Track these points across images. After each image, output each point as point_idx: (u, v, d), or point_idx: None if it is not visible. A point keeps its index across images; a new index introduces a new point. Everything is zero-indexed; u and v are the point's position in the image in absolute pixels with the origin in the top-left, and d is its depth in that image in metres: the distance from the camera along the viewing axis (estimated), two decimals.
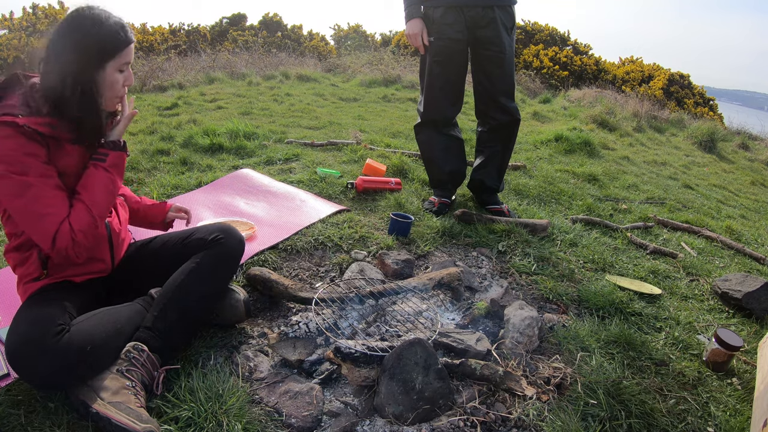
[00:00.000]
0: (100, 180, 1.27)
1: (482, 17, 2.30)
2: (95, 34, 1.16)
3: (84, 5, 1.18)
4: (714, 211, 3.62)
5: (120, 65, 1.21)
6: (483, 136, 2.64)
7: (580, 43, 11.81)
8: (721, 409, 1.41)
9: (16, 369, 1.11)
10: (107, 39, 1.17)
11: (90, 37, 1.15)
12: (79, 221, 1.21)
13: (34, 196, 1.15)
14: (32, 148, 1.15)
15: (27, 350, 1.10)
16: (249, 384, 1.32)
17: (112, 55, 1.19)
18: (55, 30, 1.18)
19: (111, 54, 1.18)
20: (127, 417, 1.07)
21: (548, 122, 6.12)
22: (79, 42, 1.15)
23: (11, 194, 1.15)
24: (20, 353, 1.10)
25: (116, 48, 1.19)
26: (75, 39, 1.15)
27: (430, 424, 1.24)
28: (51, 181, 1.18)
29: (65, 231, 1.18)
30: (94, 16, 1.17)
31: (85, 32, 1.15)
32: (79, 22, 1.16)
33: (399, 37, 12.99)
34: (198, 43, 10.79)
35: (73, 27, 1.16)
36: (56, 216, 1.18)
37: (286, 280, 1.74)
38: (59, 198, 1.20)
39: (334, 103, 5.80)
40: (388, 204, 2.56)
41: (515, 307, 1.68)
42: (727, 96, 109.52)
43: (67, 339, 1.13)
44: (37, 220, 1.16)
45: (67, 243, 1.19)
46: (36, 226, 1.17)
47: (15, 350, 1.10)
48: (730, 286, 2.07)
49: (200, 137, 3.48)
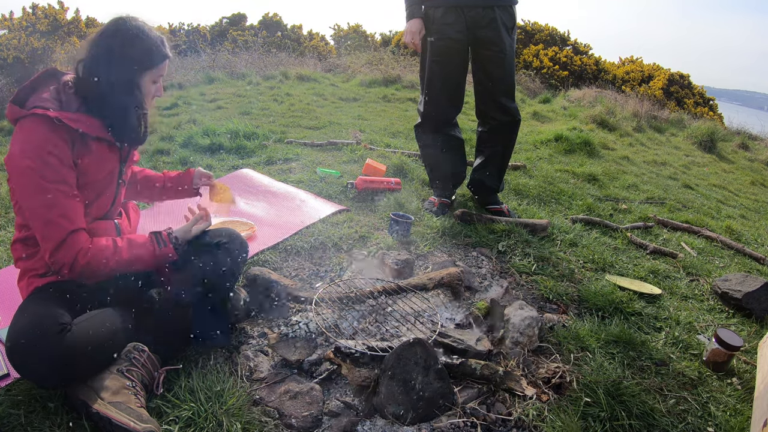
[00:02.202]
0: (144, 251, 1.29)
1: (483, 17, 2.30)
2: (140, 43, 1.21)
3: (128, 14, 1.23)
4: (714, 211, 3.62)
5: (155, 77, 1.28)
6: (483, 136, 2.64)
7: (580, 43, 11.81)
8: (721, 409, 1.41)
9: (17, 367, 1.11)
10: (150, 49, 1.23)
11: (135, 45, 1.21)
12: (97, 254, 1.21)
13: (49, 202, 1.16)
14: (57, 146, 1.16)
15: (27, 349, 1.09)
16: (249, 384, 1.32)
17: (150, 67, 1.25)
18: (98, 33, 1.22)
19: (150, 65, 1.25)
20: (127, 417, 1.08)
21: (548, 122, 6.11)
22: (123, 47, 1.20)
23: (28, 192, 1.16)
24: (21, 352, 1.10)
25: (156, 60, 1.25)
26: (120, 43, 1.20)
27: (430, 424, 1.24)
28: (67, 189, 1.19)
29: (75, 245, 1.18)
30: (139, 26, 1.22)
31: (131, 39, 1.20)
32: (125, 29, 1.21)
33: (399, 37, 12.99)
34: (198, 43, 10.78)
35: (119, 33, 1.21)
36: (65, 227, 1.17)
37: (286, 280, 1.74)
38: (73, 209, 1.20)
39: (334, 103, 5.80)
40: (388, 204, 2.56)
41: (515, 307, 1.68)
42: (727, 96, 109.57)
43: (68, 339, 1.13)
44: (45, 225, 1.17)
45: (69, 259, 1.18)
46: (43, 229, 1.17)
47: (15, 349, 1.10)
48: (730, 286, 2.07)
49: (200, 137, 3.48)
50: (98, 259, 1.21)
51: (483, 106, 2.54)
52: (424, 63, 2.45)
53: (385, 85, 7.30)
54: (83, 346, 1.14)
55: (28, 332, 1.11)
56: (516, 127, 2.55)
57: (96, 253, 1.21)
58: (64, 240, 1.17)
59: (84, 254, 1.19)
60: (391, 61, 8.66)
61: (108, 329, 1.23)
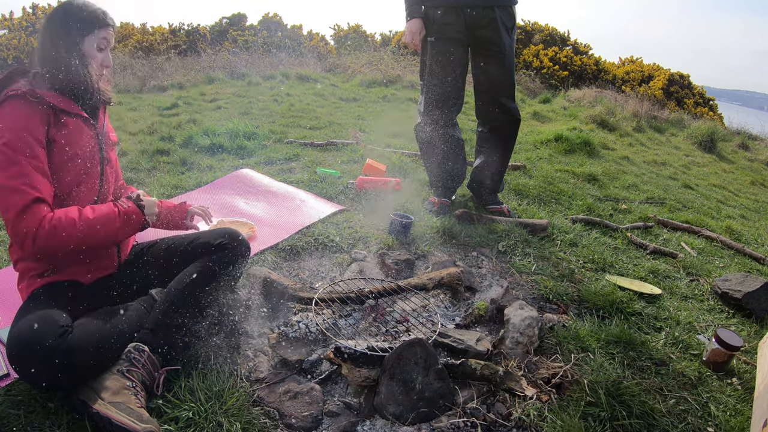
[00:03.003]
0: (107, 210, 1.29)
1: (482, 17, 2.30)
2: (78, 12, 1.28)
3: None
4: (714, 211, 3.62)
5: (99, 41, 1.31)
6: (483, 136, 2.64)
7: (580, 43, 11.80)
8: (721, 409, 1.41)
9: (17, 370, 1.11)
10: (89, 15, 1.29)
11: (73, 13, 1.28)
12: (62, 218, 1.19)
13: (16, 173, 1.16)
14: (32, 123, 1.19)
15: (28, 352, 1.09)
16: (249, 384, 1.32)
17: (90, 30, 1.30)
18: (45, 18, 1.33)
19: (89, 28, 1.29)
20: (127, 417, 1.07)
21: (548, 122, 6.11)
22: (63, 19, 1.28)
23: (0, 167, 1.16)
24: (21, 355, 1.10)
25: (94, 23, 1.30)
26: (61, 17, 1.28)
27: (430, 424, 1.24)
28: (37, 163, 1.19)
29: (39, 212, 1.16)
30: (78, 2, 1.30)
31: (69, 10, 1.28)
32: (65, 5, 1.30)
33: (399, 37, 12.98)
34: (198, 43, 10.78)
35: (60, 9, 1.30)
36: (31, 194, 1.16)
37: (286, 280, 1.74)
38: (41, 182, 1.20)
39: (334, 103, 5.80)
40: (388, 204, 2.56)
41: (515, 307, 1.68)
42: (727, 96, 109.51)
43: (69, 341, 1.13)
44: (9, 193, 1.15)
45: (35, 224, 1.15)
46: (7, 198, 1.15)
47: (16, 352, 1.10)
48: (730, 286, 2.07)
49: (200, 137, 3.48)
50: (63, 223, 1.18)
51: (483, 106, 2.54)
52: (424, 63, 2.45)
53: (385, 85, 7.30)
54: (84, 348, 1.14)
55: (28, 336, 1.11)
56: (516, 127, 2.55)
57: (61, 216, 1.19)
58: (28, 206, 1.15)
59: (49, 221, 1.17)
60: (391, 61, 8.66)
61: (108, 331, 1.23)
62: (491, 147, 2.61)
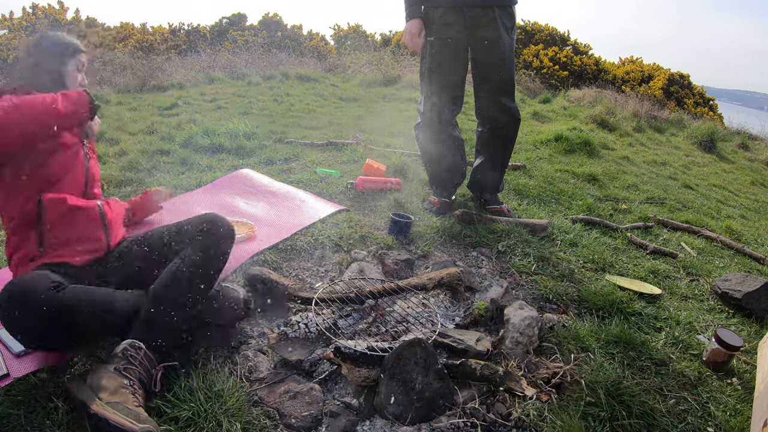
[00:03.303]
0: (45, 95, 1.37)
1: (482, 17, 2.30)
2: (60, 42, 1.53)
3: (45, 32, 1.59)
4: (714, 211, 3.62)
5: (78, 64, 1.55)
6: (483, 136, 2.64)
7: (580, 43, 11.80)
8: (721, 409, 1.41)
9: (8, 320, 1.14)
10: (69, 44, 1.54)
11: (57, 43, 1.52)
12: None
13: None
14: None
15: (20, 300, 1.12)
16: (249, 384, 1.32)
17: (72, 55, 1.54)
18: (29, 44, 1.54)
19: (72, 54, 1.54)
20: (124, 417, 1.07)
21: (548, 122, 6.11)
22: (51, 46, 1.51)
23: None
24: (13, 303, 1.12)
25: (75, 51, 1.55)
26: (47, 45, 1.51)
27: (430, 424, 1.24)
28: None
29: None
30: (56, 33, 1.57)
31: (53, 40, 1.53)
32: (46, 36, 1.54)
33: (399, 37, 12.98)
34: (198, 43, 10.78)
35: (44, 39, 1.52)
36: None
37: (286, 280, 1.74)
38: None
39: (334, 103, 5.80)
40: (388, 204, 2.56)
41: (515, 307, 1.68)
42: (727, 96, 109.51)
43: (61, 296, 1.16)
44: None
45: None
46: None
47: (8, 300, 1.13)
48: (730, 286, 2.07)
49: (200, 137, 3.48)
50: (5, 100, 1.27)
51: (483, 106, 2.54)
52: (424, 63, 2.45)
53: (385, 85, 7.30)
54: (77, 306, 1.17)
55: (21, 287, 1.15)
56: (516, 127, 2.55)
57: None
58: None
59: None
60: (391, 61, 8.66)
61: (103, 296, 1.26)
62: (491, 147, 2.61)
